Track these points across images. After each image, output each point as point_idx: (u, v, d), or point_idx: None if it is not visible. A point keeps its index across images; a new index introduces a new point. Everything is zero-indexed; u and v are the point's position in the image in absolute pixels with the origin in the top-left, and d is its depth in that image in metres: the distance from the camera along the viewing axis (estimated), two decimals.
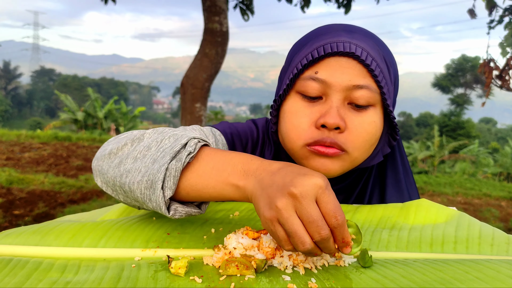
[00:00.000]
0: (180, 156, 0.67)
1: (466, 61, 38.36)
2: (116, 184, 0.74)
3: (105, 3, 5.23)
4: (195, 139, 0.71)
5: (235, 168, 0.66)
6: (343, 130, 0.79)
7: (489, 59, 4.42)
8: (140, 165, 0.70)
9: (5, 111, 43.14)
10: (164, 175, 0.66)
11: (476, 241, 0.71)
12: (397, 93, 0.91)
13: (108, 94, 53.10)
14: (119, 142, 0.77)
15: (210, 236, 0.73)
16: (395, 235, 0.74)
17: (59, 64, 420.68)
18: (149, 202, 0.69)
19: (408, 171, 1.01)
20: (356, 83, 0.78)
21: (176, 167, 0.66)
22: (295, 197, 0.57)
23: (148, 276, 0.59)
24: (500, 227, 6.54)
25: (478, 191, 9.79)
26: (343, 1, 5.46)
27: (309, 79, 0.80)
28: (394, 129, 0.88)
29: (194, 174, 0.68)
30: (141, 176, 0.69)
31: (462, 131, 29.35)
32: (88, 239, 0.71)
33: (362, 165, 0.88)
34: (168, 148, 0.70)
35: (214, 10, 4.97)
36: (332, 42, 0.79)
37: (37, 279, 0.58)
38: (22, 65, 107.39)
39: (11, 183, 6.76)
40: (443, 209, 0.81)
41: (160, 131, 0.77)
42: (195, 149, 0.68)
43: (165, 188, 0.66)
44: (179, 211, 0.69)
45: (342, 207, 0.85)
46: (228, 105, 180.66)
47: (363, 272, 0.62)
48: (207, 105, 5.31)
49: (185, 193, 0.69)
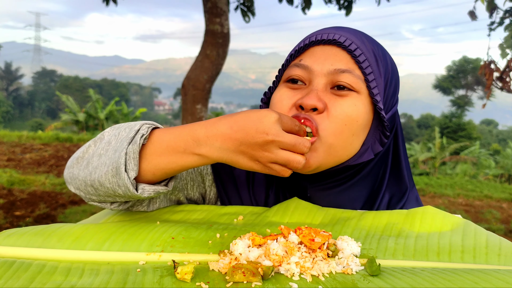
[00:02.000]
0: (135, 140, 0.74)
1: (467, 63, 38.37)
2: (87, 184, 0.78)
3: (106, 4, 5.23)
4: (147, 124, 0.77)
5: (186, 142, 0.74)
6: (321, 111, 0.78)
7: (489, 61, 4.42)
8: (104, 159, 0.76)
9: (6, 112, 43.20)
10: (125, 159, 0.73)
11: (483, 251, 0.70)
12: (395, 93, 0.88)
13: (110, 95, 53.13)
14: (84, 147, 0.83)
15: (215, 241, 0.72)
16: (402, 243, 0.73)
17: (61, 65, 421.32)
18: (119, 188, 0.74)
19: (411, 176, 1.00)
20: (338, 67, 0.80)
21: (133, 149, 0.73)
22: (271, 142, 0.69)
23: (154, 281, 0.59)
24: (501, 229, 6.53)
25: (479, 192, 9.77)
26: (344, 3, 5.47)
27: (293, 66, 0.84)
28: (384, 125, 0.84)
29: (154, 156, 0.75)
30: (106, 167, 0.74)
31: (463, 133, 29.32)
32: (92, 242, 0.70)
33: (349, 161, 0.84)
34: (124, 137, 0.76)
35: (215, 11, 4.97)
36: (318, 34, 0.83)
37: (40, 282, 0.58)
38: (23, 66, 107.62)
39: (12, 184, 6.77)
40: (449, 216, 0.80)
41: (117, 127, 0.83)
42: (147, 131, 0.75)
43: (128, 170, 0.73)
44: (147, 190, 0.76)
45: (346, 213, 0.84)
46: (229, 106, 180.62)
47: (371, 280, 0.61)
48: (208, 106, 5.31)
49: (151, 174, 0.76)
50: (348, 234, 0.76)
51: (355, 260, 0.66)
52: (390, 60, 0.87)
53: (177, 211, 0.87)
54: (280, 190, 0.97)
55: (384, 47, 0.88)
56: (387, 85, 0.85)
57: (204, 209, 0.88)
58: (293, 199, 0.88)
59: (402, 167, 0.93)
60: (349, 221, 0.80)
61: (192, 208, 0.88)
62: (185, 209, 0.87)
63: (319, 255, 0.66)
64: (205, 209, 0.88)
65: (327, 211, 0.85)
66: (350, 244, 0.68)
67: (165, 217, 0.84)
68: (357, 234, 0.76)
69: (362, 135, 0.83)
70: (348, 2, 5.45)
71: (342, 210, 0.85)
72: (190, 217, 0.84)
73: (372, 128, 0.85)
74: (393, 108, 0.89)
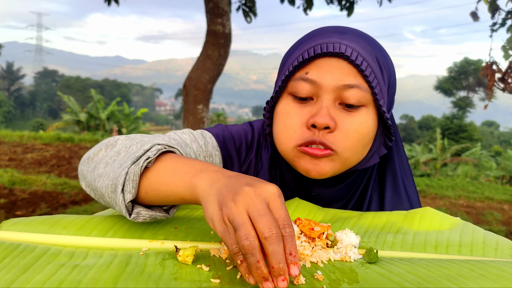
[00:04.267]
0: (139, 161, 0.69)
1: (468, 64, 38.34)
2: (93, 188, 0.77)
3: (108, 5, 5.24)
4: (159, 145, 0.72)
5: (194, 167, 0.66)
6: (333, 130, 0.79)
7: (491, 62, 4.42)
8: (109, 169, 0.73)
9: (8, 112, 43.27)
10: (124, 179, 0.68)
11: (480, 246, 0.72)
12: (394, 94, 0.90)
13: (111, 95, 53.17)
14: (96, 147, 0.81)
15: None
16: (400, 238, 0.75)
17: (62, 65, 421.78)
18: (115, 206, 0.71)
19: (408, 173, 1.01)
20: (346, 82, 0.78)
21: (135, 171, 0.68)
22: (248, 195, 0.55)
23: (156, 263, 0.61)
24: (502, 231, 6.51)
25: (481, 194, 9.76)
26: (346, 4, 5.47)
27: (299, 80, 0.81)
28: (389, 130, 0.87)
29: (153, 174, 0.69)
30: (108, 180, 0.71)
31: (465, 134, 29.29)
32: (96, 230, 0.72)
33: (357, 166, 0.88)
34: (133, 153, 0.72)
35: (217, 12, 4.98)
36: (322, 43, 0.79)
37: (46, 261, 0.60)
38: (25, 66, 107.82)
39: (14, 184, 6.77)
40: (448, 217, 0.82)
41: (132, 137, 0.80)
42: (155, 154, 0.70)
43: (125, 191, 0.68)
44: (142, 215, 0.70)
45: (346, 213, 0.86)
46: (231, 107, 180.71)
47: (369, 267, 0.63)
48: (210, 107, 5.31)
49: (144, 193, 0.70)
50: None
51: (353, 250, 0.68)
52: (390, 61, 0.87)
53: (181, 208, 0.88)
54: (283, 189, 0.97)
55: (382, 47, 0.88)
56: (389, 88, 0.86)
57: None
58: (295, 199, 0.89)
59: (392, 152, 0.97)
60: (349, 220, 0.82)
61: (196, 206, 0.89)
62: (189, 206, 0.88)
63: (318, 244, 0.67)
64: None
65: (327, 211, 0.86)
66: (349, 235, 0.70)
67: None
68: (357, 231, 0.78)
69: (370, 143, 0.86)
70: (350, 3, 5.45)
71: (342, 210, 0.87)
72: (194, 213, 0.85)
73: (378, 134, 0.88)
74: (392, 108, 0.91)
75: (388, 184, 0.97)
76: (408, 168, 1.01)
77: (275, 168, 0.99)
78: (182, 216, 0.82)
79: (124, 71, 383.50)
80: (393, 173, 0.98)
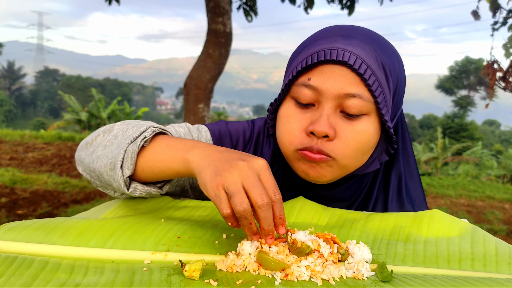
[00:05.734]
0: (137, 141, 0.77)
1: (469, 63, 38.26)
2: (91, 170, 0.84)
3: (109, 4, 5.24)
4: (154, 128, 0.81)
5: (186, 145, 0.75)
6: (332, 138, 0.79)
7: (492, 61, 4.40)
8: (108, 151, 0.80)
9: (9, 111, 43.30)
10: (123, 157, 0.76)
11: (493, 259, 0.70)
12: (402, 97, 0.88)
13: (112, 94, 53.15)
14: (94, 133, 0.89)
15: (221, 241, 0.72)
16: (411, 249, 0.73)
17: (63, 64, 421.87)
18: (114, 183, 0.78)
19: (414, 174, 1.00)
20: (348, 91, 0.77)
21: (133, 149, 0.77)
22: (242, 168, 0.64)
23: (161, 279, 0.59)
24: (504, 230, 6.51)
25: (482, 193, 9.74)
26: (347, 2, 5.46)
27: (302, 86, 0.80)
28: (391, 137, 0.86)
29: (148, 152, 0.78)
30: (107, 160, 0.79)
31: (466, 133, 29.24)
32: (95, 239, 0.70)
33: (357, 171, 0.88)
34: (130, 135, 0.80)
35: (217, 11, 4.97)
36: (326, 49, 0.78)
37: (44, 279, 0.57)
38: (26, 65, 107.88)
39: (15, 183, 6.78)
40: (456, 221, 0.80)
41: (127, 122, 0.87)
42: (151, 134, 0.79)
43: (123, 167, 0.77)
44: (138, 189, 0.80)
45: (352, 214, 0.85)
46: (232, 106, 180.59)
47: (382, 286, 0.61)
48: (210, 106, 5.31)
49: (141, 170, 0.78)
50: (355, 238, 0.76)
51: (365, 265, 0.65)
52: (398, 64, 0.84)
53: (181, 207, 0.86)
54: (286, 189, 0.98)
55: (393, 48, 0.85)
56: (395, 96, 0.84)
57: (208, 205, 0.87)
58: (299, 198, 0.88)
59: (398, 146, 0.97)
60: (356, 223, 0.80)
61: (196, 204, 0.87)
62: (189, 205, 0.87)
63: (329, 259, 0.65)
64: (209, 205, 0.87)
65: (333, 212, 0.85)
66: (361, 249, 0.68)
67: (168, 214, 0.83)
68: (365, 238, 0.76)
69: (371, 151, 0.86)
70: (351, 2, 5.43)
71: (348, 211, 0.86)
72: (194, 214, 0.83)
73: (380, 142, 0.87)
74: (398, 111, 0.90)
75: (392, 187, 0.97)
76: (416, 169, 1.00)
77: (277, 164, 1.00)
78: (182, 217, 0.80)
79: (125, 70, 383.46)
80: (398, 175, 0.97)
